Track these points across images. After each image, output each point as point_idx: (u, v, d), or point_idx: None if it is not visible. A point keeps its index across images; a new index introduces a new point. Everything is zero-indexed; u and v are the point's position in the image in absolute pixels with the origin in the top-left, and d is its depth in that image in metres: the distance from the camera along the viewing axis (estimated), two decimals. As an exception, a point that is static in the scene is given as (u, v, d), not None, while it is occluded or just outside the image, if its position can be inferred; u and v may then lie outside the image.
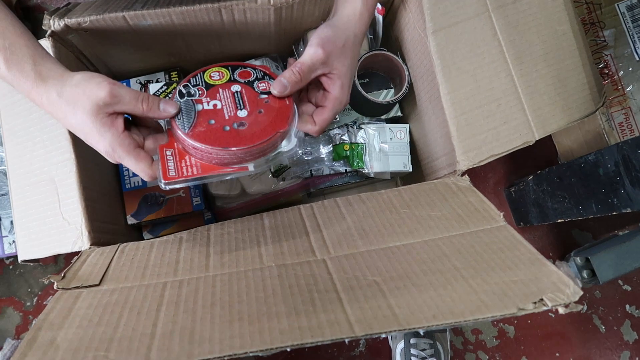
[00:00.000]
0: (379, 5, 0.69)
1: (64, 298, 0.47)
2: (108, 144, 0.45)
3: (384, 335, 0.39)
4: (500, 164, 0.93)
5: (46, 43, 0.61)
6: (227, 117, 0.51)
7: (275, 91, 0.52)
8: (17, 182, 0.62)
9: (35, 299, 0.84)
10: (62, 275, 0.50)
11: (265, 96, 0.53)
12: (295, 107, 0.53)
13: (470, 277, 0.45)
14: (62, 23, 0.60)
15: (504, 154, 0.62)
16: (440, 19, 0.63)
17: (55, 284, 0.48)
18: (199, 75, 0.54)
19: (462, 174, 0.63)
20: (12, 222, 0.78)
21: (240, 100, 0.52)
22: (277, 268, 0.50)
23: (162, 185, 0.48)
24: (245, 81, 0.54)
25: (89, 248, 0.58)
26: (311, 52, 0.51)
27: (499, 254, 0.48)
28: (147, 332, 0.41)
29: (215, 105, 0.52)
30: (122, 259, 0.54)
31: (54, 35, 0.61)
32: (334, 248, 0.53)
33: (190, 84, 0.53)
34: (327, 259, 0.51)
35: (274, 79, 0.54)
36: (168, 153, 0.50)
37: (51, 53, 0.61)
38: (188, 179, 0.49)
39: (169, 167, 0.49)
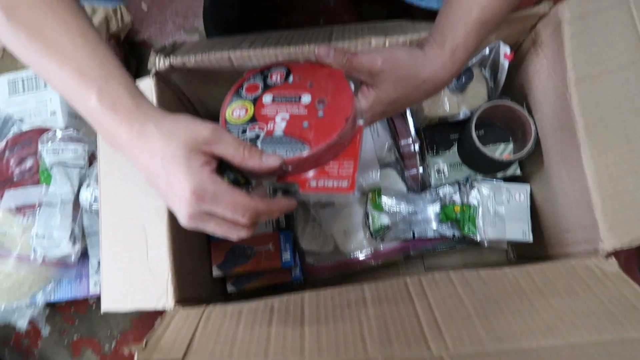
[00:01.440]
0: (507, 50, 0.60)
1: (144, 375, 0.41)
2: (198, 182, 0.39)
3: None
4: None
5: (149, 82, 0.59)
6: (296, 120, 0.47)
7: (317, 50, 0.48)
8: (108, 226, 0.60)
9: (113, 343, 0.81)
10: (145, 343, 0.45)
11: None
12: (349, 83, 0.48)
13: (647, 412, 0.34)
14: (167, 62, 0.58)
15: (664, 234, 0.51)
16: (585, 67, 0.53)
17: (137, 355, 0.44)
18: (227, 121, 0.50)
19: (607, 256, 0.51)
20: (99, 262, 0.77)
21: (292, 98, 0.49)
22: (385, 364, 0.41)
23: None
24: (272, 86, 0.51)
25: (173, 307, 0.53)
26: (371, 56, 0.45)
27: (681, 379, 0.36)
28: None
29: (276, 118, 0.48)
30: (207, 328, 0.48)
31: (157, 74, 0.59)
32: (452, 342, 0.44)
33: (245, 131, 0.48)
34: (445, 356, 0.42)
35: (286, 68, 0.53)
36: None
37: (154, 92, 0.59)
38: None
39: None
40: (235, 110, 0.50)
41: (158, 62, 0.59)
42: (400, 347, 0.43)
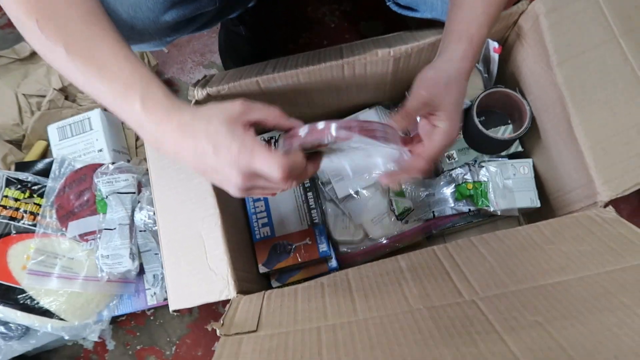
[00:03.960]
0: (495, 45, 0.69)
1: (228, 344, 0.50)
2: (241, 143, 0.44)
3: (564, 378, 0.37)
4: (634, 192, 0.87)
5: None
6: None
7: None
8: (167, 238, 0.68)
9: (173, 348, 0.89)
10: (222, 322, 0.53)
11: None
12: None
13: (646, 314, 0.41)
14: (204, 92, 0.67)
15: (652, 181, 0.59)
16: (564, 51, 0.62)
17: (218, 331, 0.52)
18: None
19: (605, 205, 0.59)
20: (154, 276, 0.85)
21: None
22: (427, 310, 0.49)
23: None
24: None
25: (236, 296, 0.61)
26: (415, 95, 0.52)
27: (673, 288, 0.44)
28: (316, 376, 0.42)
29: None
30: (271, 306, 0.57)
31: (197, 103, 0.68)
32: (481, 288, 0.51)
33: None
34: (476, 299, 0.50)
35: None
36: None
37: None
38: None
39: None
40: None
41: (197, 93, 0.68)
42: (437, 298, 0.51)
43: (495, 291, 0.50)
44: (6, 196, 0.81)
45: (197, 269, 0.65)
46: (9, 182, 0.81)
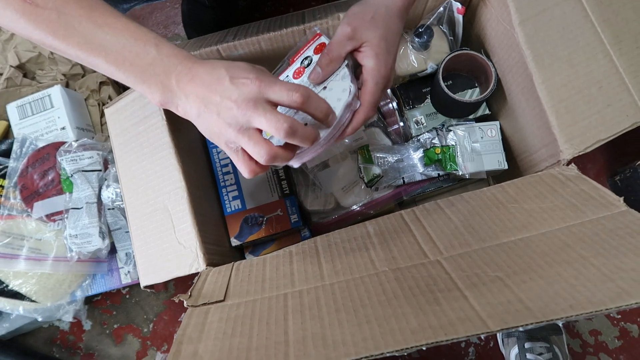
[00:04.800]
0: (459, 5, 0.68)
1: (195, 314, 0.49)
2: (260, 71, 0.45)
3: (521, 329, 0.38)
4: (600, 152, 0.88)
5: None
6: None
7: (312, 82, 0.53)
8: (134, 214, 0.67)
9: (151, 325, 0.89)
10: (189, 294, 0.53)
11: None
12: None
13: (601, 265, 0.42)
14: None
15: (612, 138, 0.59)
16: (525, 9, 0.62)
17: (185, 302, 0.51)
18: None
19: (568, 164, 0.60)
20: (126, 254, 0.84)
21: None
22: (392, 272, 0.50)
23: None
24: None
25: (206, 269, 0.61)
26: (338, 31, 0.51)
27: (627, 239, 0.45)
28: (281, 340, 0.42)
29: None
30: (239, 276, 0.56)
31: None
32: (445, 248, 0.52)
33: None
34: (441, 259, 0.50)
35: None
36: None
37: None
38: None
39: None
40: None
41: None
42: (403, 260, 0.52)
43: (459, 250, 0.51)
44: (-34, 179, 0.78)
45: (166, 243, 0.65)
46: (-32, 165, 0.79)
